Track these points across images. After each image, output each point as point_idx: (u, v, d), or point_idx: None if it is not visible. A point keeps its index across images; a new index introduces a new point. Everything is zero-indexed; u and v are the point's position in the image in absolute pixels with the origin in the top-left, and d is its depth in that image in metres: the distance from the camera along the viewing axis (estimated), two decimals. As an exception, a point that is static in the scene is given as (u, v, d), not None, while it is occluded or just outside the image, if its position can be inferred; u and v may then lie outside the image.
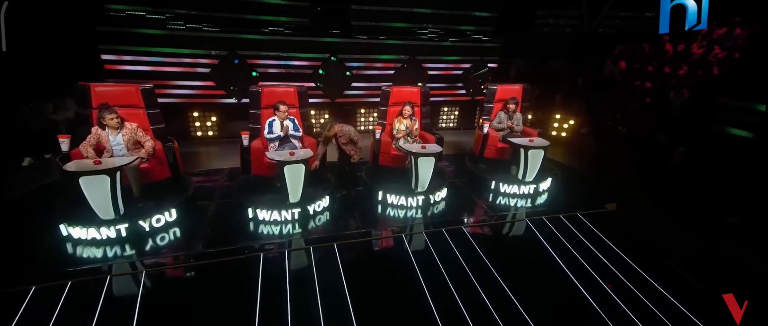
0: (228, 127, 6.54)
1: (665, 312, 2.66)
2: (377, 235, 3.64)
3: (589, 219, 3.83)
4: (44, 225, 3.31)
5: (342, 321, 2.51)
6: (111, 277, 2.88)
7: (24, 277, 2.75)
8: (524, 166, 4.21)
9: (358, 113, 7.34)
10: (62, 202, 3.38)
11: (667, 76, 7.54)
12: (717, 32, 7.76)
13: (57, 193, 3.75)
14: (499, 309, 2.63)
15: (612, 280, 2.98)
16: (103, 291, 2.72)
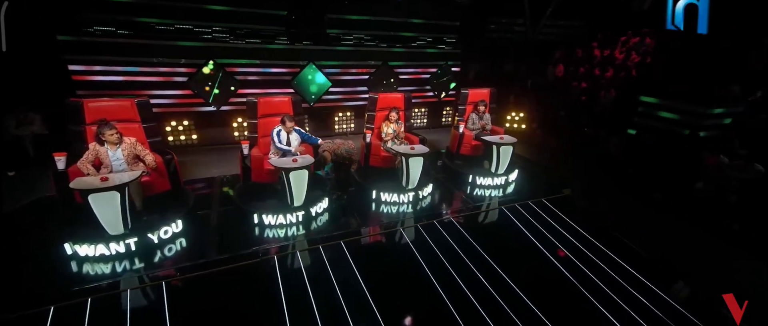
0: (206, 134, 6.48)
1: (616, 271, 3.41)
2: (378, 230, 4.03)
3: (551, 203, 4.59)
4: (47, 243, 3.25)
5: (363, 308, 2.85)
6: (130, 291, 2.96)
7: (41, 298, 2.74)
8: (496, 161, 4.87)
9: (336, 116, 7.62)
10: (60, 220, 3.32)
11: (597, 78, 8.85)
12: (632, 40, 9.27)
13: (53, 211, 3.63)
14: (494, 285, 3.15)
15: (576, 252, 3.70)
16: (127, 305, 2.81)
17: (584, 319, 2.94)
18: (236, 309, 2.85)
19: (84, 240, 3.18)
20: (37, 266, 3.17)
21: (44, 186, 4.31)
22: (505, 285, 3.18)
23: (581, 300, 3.10)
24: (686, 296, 3.24)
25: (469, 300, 3.00)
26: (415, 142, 4.86)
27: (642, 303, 3.07)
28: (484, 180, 5.00)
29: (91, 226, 3.24)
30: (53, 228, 3.39)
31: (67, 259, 3.19)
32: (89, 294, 2.87)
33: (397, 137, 4.83)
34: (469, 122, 5.39)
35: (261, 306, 2.89)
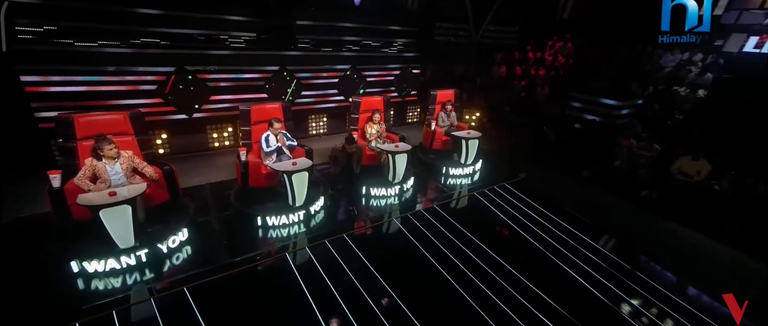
0: (179, 142, 6.30)
1: (570, 236, 4.35)
2: (375, 222, 4.50)
3: (512, 186, 5.49)
4: (49, 262, 3.17)
5: (380, 290, 3.28)
6: (154, 299, 3.06)
7: (69, 317, 2.75)
8: (465, 153, 5.63)
9: (309, 119, 7.84)
10: (57, 238, 3.24)
11: (533, 77, 10.27)
12: (557, 44, 10.91)
13: (45, 230, 3.47)
14: (481, 258, 3.84)
15: (537, 224, 4.58)
16: (157, 313, 2.93)
17: (549, 273, 3.77)
18: (265, 306, 3.11)
19: (92, 256, 3.17)
20: (49, 285, 3.09)
21: (19, 206, 4.02)
22: (488, 257, 3.88)
23: (546, 260, 3.96)
24: (612, 247, 4.30)
25: (461, 272, 3.64)
26: (395, 140, 5.40)
27: (589, 257, 4.03)
28: (455, 171, 5.74)
29: (95, 242, 3.24)
30: (52, 247, 3.28)
31: (76, 276, 3.15)
32: (116, 306, 2.93)
33: (380, 136, 5.33)
34: (439, 120, 6.10)
35: (287, 300, 3.17)
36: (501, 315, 3.14)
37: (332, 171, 5.42)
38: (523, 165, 6.56)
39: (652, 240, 4.54)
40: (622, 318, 3.24)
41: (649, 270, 3.96)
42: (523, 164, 6.62)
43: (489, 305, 3.24)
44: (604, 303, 3.39)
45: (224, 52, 6.40)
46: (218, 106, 6.61)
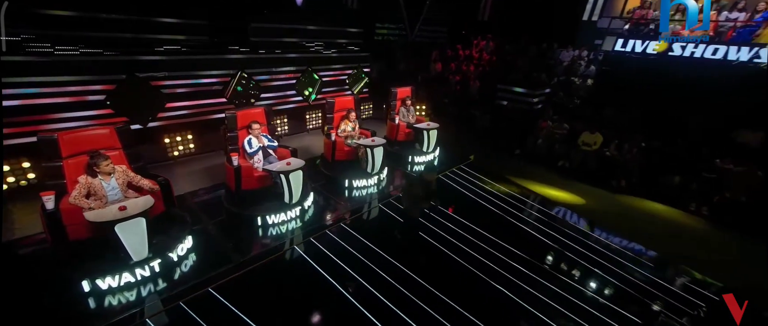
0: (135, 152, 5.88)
1: (516, 200, 5.51)
2: (364, 209, 5.06)
3: (468, 167, 6.55)
4: (57, 285, 3.05)
5: (391, 268, 3.83)
6: (183, 303, 3.20)
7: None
8: (427, 142, 6.49)
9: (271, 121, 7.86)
10: (56, 260, 3.12)
11: (465, 72, 11.73)
12: (482, 43, 12.59)
13: (38, 253, 3.25)
14: (460, 227, 4.72)
15: (496, 195, 5.67)
16: (193, 314, 3.10)
17: (513, 229, 4.85)
18: (297, 294, 3.47)
19: (104, 273, 3.13)
20: (67, 307, 3.00)
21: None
22: (465, 225, 4.79)
23: (507, 220, 5.03)
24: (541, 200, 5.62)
25: (445, 238, 4.48)
26: (367, 135, 5.98)
27: (532, 212, 5.23)
28: (419, 158, 6.57)
29: (97, 260, 3.20)
30: (59, 269, 3.12)
31: (89, 295, 3.09)
32: (148, 314, 3.01)
33: (354, 132, 5.86)
34: (401, 115, 6.84)
35: (314, 287, 3.55)
36: (491, 268, 4.05)
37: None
38: (470, 149, 7.72)
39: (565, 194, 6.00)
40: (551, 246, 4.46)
41: (567, 217, 5.34)
42: (469, 148, 7.79)
43: (480, 263, 4.13)
44: (543, 241, 4.58)
45: (177, 57, 6.14)
46: (176, 114, 6.33)
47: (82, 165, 3.40)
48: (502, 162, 7.30)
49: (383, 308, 3.33)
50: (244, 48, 7.13)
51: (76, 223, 3.22)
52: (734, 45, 7.05)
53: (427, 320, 3.23)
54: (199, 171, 5.94)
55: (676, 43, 7.46)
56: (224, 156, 4.85)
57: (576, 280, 4.04)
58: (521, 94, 9.61)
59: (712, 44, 7.21)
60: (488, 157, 7.49)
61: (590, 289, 3.92)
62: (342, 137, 5.73)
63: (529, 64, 10.53)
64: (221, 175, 5.61)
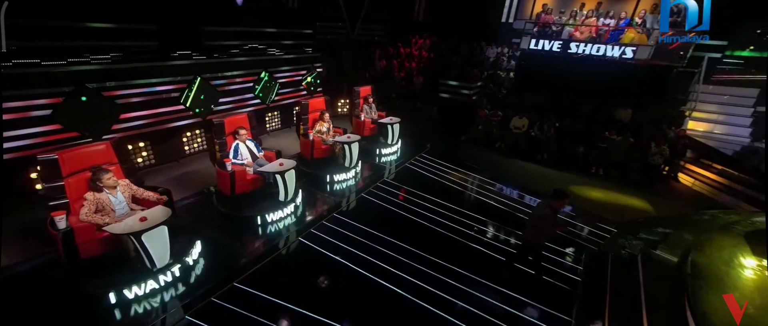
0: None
1: (471, 177, 6.64)
2: (350, 199, 5.64)
3: (428, 155, 7.52)
4: (82, 302, 3.07)
5: (392, 244, 4.52)
6: (219, 296, 3.49)
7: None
8: (392, 135, 7.27)
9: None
10: (71, 277, 3.15)
11: (408, 68, 12.78)
12: (419, 41, 13.78)
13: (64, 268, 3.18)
14: (436, 205, 5.62)
15: (453, 175, 6.71)
16: (232, 305, 3.41)
17: (476, 199, 5.93)
18: (307, 274, 3.95)
19: (128, 283, 3.24)
20: (105, 319, 3.06)
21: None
22: (453, 209, 5.64)
23: (469, 194, 6.10)
24: (489, 176, 6.89)
25: (426, 216, 5.35)
26: (340, 132, 6.51)
27: (485, 185, 6.41)
28: (386, 150, 7.33)
29: (118, 272, 3.30)
30: (77, 285, 3.12)
31: (123, 304, 3.18)
32: (186, 313, 3.23)
33: (329, 131, 6.34)
34: (365, 112, 7.48)
35: (333, 270, 4.05)
36: (460, 231, 5.02)
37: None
38: (423, 138, 8.73)
39: (505, 171, 7.39)
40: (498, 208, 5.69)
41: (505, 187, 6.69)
42: (423, 138, 8.80)
43: (453, 229, 5.07)
44: (494, 206, 5.78)
45: (131, 65, 5.83)
46: (133, 124, 6.01)
47: (83, 183, 3.37)
48: (452, 147, 8.48)
49: (388, 274, 4.02)
50: (196, 53, 6.96)
51: (88, 240, 3.23)
52: (609, 44, 9.24)
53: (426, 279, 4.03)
54: (168, 181, 5.81)
55: (572, 43, 9.46)
56: (213, 162, 4.96)
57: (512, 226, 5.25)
58: (458, 87, 10.98)
59: (595, 44, 9.33)
60: (439, 144, 8.58)
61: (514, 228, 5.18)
62: (319, 137, 6.16)
63: (463, 60, 11.99)
64: (197, 183, 5.65)
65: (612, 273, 4.05)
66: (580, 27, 9.80)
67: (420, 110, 10.62)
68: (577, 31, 9.73)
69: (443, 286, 3.91)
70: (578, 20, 9.97)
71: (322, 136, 6.21)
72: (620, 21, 9.61)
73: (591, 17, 9.85)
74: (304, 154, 6.23)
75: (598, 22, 9.75)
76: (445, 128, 9.56)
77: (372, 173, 6.64)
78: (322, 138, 6.20)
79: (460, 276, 4.07)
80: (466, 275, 4.11)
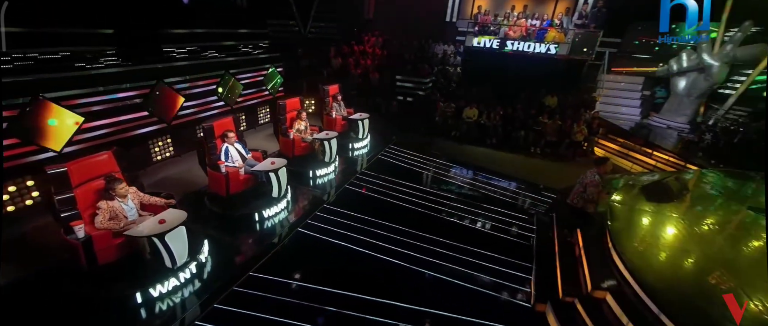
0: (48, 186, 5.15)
1: (438, 164, 7.54)
2: (339, 191, 6.12)
3: (396, 146, 8.24)
4: (110, 305, 3.20)
5: (380, 225, 5.13)
6: (233, 288, 3.80)
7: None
8: (362, 130, 7.83)
9: (197, 130, 7.63)
10: (93, 284, 3.27)
11: (364, 66, 13.33)
12: (372, 39, 14.39)
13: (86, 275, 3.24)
14: (416, 190, 6.35)
15: (424, 161, 7.53)
16: (252, 292, 3.77)
17: (445, 181, 6.81)
18: (314, 257, 4.42)
19: (152, 282, 3.42)
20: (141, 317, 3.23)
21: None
22: (424, 190, 6.41)
23: (439, 177, 6.97)
24: (448, 159, 7.89)
25: (405, 199, 6.08)
26: (316, 130, 6.89)
27: (449, 169, 7.36)
28: (358, 144, 7.88)
29: (138, 275, 3.47)
30: (105, 289, 3.22)
31: (150, 303, 3.36)
32: (214, 303, 3.52)
33: (306, 129, 6.69)
34: (334, 110, 7.92)
35: (340, 254, 4.54)
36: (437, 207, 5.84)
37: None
38: (388, 132, 9.45)
39: (462, 155, 8.47)
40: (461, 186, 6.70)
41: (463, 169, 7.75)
42: (388, 131, 9.52)
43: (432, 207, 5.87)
44: (458, 184, 6.77)
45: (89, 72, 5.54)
46: (96, 134, 5.72)
47: (90, 192, 3.43)
48: (414, 138, 9.32)
49: (381, 249, 4.67)
50: (157, 57, 6.73)
51: (105, 247, 3.33)
52: (536, 42, 10.84)
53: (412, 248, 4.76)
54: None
55: (508, 41, 10.89)
56: (201, 166, 5.08)
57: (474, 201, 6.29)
58: (413, 82, 11.87)
59: (526, 41, 10.87)
60: (403, 135, 9.38)
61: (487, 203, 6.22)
62: (299, 135, 6.49)
63: (414, 57, 12.90)
64: (172, 188, 5.64)
65: (557, 228, 5.18)
66: (513, 27, 11.29)
67: (380, 105, 11.28)
68: (511, 30, 11.20)
69: (427, 252, 4.68)
70: (510, 21, 11.45)
71: (301, 134, 6.55)
72: (543, 22, 11.29)
73: (521, 18, 11.39)
74: (285, 153, 6.52)
75: (526, 23, 11.32)
76: (406, 121, 10.37)
77: (349, 166, 7.17)
78: (302, 136, 6.55)
79: (440, 243, 4.88)
80: (444, 241, 4.93)
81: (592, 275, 3.91)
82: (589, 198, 4.45)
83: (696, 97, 10.15)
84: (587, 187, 4.41)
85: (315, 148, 6.57)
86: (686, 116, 10.29)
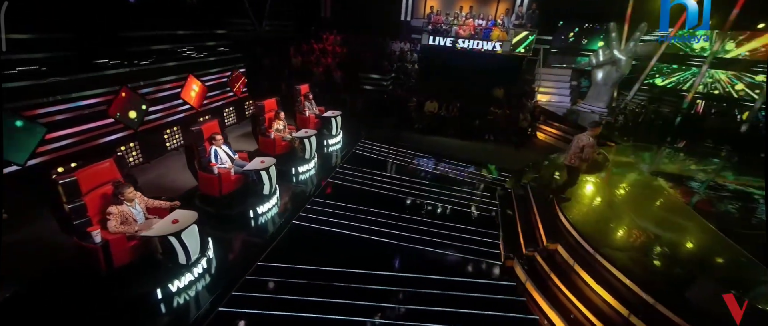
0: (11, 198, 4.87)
1: (406, 153, 8.26)
2: (325, 183, 6.52)
3: (367, 140, 8.79)
4: (136, 301, 3.38)
5: (366, 210, 5.67)
6: (246, 277, 4.12)
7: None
8: (336, 127, 8.25)
9: (164, 135, 7.44)
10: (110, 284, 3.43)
11: (326, 64, 13.56)
12: (331, 37, 14.62)
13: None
14: (393, 181, 6.97)
15: (393, 150, 8.18)
16: (265, 279, 4.11)
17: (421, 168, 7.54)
18: (331, 247, 4.84)
19: (168, 279, 3.63)
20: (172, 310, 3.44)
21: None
22: (399, 178, 7.06)
23: (412, 165, 7.68)
24: (413, 147, 8.70)
25: (390, 187, 6.69)
26: (293, 130, 7.18)
27: (413, 160, 8.13)
28: (332, 141, 8.29)
29: (154, 273, 3.67)
30: (129, 288, 3.36)
31: (170, 297, 3.57)
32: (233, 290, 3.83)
33: (285, 128, 6.95)
34: (307, 109, 8.21)
35: (326, 235, 5.02)
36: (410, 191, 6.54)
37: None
38: (358, 127, 9.95)
39: (427, 146, 9.32)
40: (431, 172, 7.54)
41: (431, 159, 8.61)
42: (358, 127, 10.01)
43: (408, 191, 6.55)
44: (424, 170, 7.58)
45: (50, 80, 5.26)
46: (61, 144, 5.46)
47: (97, 199, 3.51)
48: (382, 131, 9.95)
49: (370, 231, 5.25)
50: (119, 61, 6.47)
51: (120, 250, 3.47)
52: (484, 40, 12.05)
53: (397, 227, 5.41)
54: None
55: (459, 39, 11.95)
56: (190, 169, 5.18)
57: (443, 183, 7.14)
58: (375, 78, 12.45)
59: (474, 39, 12.02)
60: (372, 130, 9.95)
61: (455, 185, 7.10)
62: (279, 135, 6.74)
63: (375, 54, 13.45)
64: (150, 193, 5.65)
65: (516, 200, 6.18)
66: (462, 26, 12.38)
67: (346, 103, 11.69)
68: (461, 29, 12.28)
69: (410, 230, 5.36)
70: (460, 21, 12.53)
71: (280, 133, 6.80)
72: (488, 22, 12.54)
73: (468, 18, 12.53)
74: (266, 152, 6.72)
75: (474, 23, 12.48)
76: (373, 116, 10.94)
77: (327, 161, 7.57)
78: (282, 135, 6.80)
79: (420, 222, 5.62)
80: (423, 220, 5.68)
81: (546, 233, 4.89)
82: (585, 157, 4.98)
83: (610, 86, 12.15)
84: (584, 148, 4.90)
85: (295, 146, 6.87)
86: (604, 102, 12.27)
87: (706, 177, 7.39)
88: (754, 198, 6.28)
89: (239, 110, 10.07)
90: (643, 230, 4.68)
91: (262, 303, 3.77)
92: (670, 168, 7.71)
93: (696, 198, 6.21)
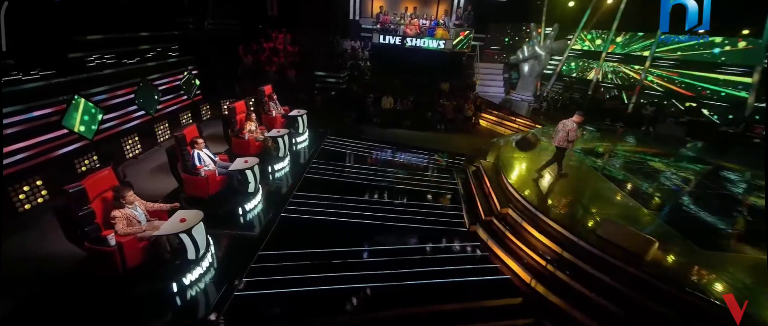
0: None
1: (370, 145, 8.97)
2: (303, 179, 6.92)
3: (334, 136, 9.29)
4: (155, 296, 3.62)
5: (346, 198, 6.31)
6: (251, 266, 4.51)
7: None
8: (302, 125, 8.61)
9: (123, 143, 7.12)
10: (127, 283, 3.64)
11: (279, 63, 13.53)
12: (280, 36, 14.56)
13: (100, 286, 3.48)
14: (367, 173, 7.60)
15: (361, 144, 8.81)
16: (269, 265, 4.53)
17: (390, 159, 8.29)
18: (331, 234, 5.33)
19: (180, 273, 3.90)
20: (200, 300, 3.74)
21: None
22: (369, 168, 7.71)
23: (381, 157, 8.40)
24: (373, 140, 9.49)
25: (362, 177, 7.33)
26: (264, 130, 7.42)
27: (373, 152, 8.90)
28: (300, 138, 8.64)
29: (159, 272, 3.91)
30: (139, 290, 3.56)
31: (185, 290, 3.84)
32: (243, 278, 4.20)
33: (257, 129, 7.17)
34: (273, 109, 8.43)
35: (315, 223, 5.53)
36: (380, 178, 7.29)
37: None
38: (321, 125, 10.34)
39: (387, 137, 10.15)
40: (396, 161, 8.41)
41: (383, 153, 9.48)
42: (321, 124, 10.40)
43: (379, 178, 7.28)
44: (386, 159, 8.43)
45: None
46: (16, 159, 5.12)
47: (99, 205, 3.63)
48: (344, 125, 10.51)
49: (352, 214, 5.89)
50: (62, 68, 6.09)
51: (132, 251, 3.66)
52: (429, 38, 13.17)
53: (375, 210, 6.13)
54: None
55: (407, 38, 12.89)
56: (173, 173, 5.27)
57: (408, 169, 8.07)
58: (330, 76, 12.86)
59: (421, 38, 13.07)
60: (335, 125, 10.44)
61: (419, 170, 8.05)
62: (252, 135, 6.94)
63: (325, 52, 13.78)
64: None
65: (473, 179, 7.27)
66: (409, 25, 13.35)
67: (304, 101, 11.93)
68: (408, 28, 13.25)
69: (384, 211, 6.11)
70: (406, 20, 13.49)
71: (253, 134, 7.02)
72: (432, 21, 13.70)
73: (414, 18, 13.54)
74: (240, 152, 6.89)
75: (418, 22, 13.53)
76: (333, 113, 11.40)
77: (299, 158, 7.94)
78: (255, 136, 7.02)
79: (392, 203, 6.42)
80: (395, 201, 6.49)
81: (498, 200, 6.01)
82: (571, 139, 5.98)
83: (534, 77, 14.20)
84: (569, 132, 5.92)
85: (268, 145, 7.13)
86: (530, 91, 14.30)
87: (609, 148, 9.37)
88: (644, 162, 8.24)
89: (195, 114, 9.80)
90: (568, 191, 6.04)
91: (270, 286, 4.21)
92: (584, 144, 9.56)
93: (600, 163, 7.96)
